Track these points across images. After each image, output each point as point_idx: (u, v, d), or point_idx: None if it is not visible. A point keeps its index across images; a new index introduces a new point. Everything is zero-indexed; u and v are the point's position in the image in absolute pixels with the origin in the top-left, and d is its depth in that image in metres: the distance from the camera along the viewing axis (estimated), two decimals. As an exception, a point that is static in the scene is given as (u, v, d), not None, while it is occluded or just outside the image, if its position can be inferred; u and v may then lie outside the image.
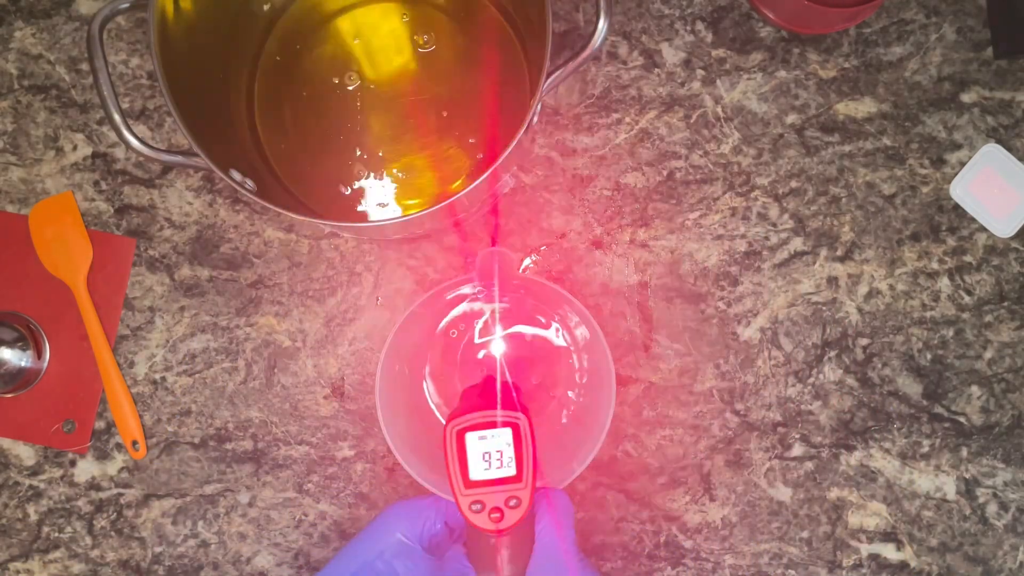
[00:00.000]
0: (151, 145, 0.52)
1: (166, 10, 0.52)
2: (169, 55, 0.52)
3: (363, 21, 0.64)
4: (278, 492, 0.66)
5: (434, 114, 0.64)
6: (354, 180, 0.64)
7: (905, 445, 0.65)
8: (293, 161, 0.64)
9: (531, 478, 0.49)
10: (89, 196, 0.67)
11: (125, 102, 0.67)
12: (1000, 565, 0.65)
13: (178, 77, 0.53)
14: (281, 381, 0.66)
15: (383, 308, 0.66)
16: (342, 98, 0.64)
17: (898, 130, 0.65)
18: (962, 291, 0.65)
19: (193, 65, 0.56)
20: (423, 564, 0.52)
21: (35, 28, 0.68)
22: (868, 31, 0.66)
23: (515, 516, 0.48)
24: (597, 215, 0.66)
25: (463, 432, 0.49)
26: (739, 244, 0.65)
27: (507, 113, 0.63)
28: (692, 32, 0.66)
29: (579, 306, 0.56)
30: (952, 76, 0.65)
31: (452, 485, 0.49)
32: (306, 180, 0.64)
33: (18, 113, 0.67)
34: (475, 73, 0.64)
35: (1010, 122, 0.65)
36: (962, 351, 0.65)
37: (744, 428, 0.65)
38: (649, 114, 0.66)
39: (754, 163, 0.65)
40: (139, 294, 0.66)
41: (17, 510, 0.66)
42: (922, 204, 0.65)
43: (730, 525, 0.65)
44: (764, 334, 0.65)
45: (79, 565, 0.66)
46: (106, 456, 0.66)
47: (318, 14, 0.65)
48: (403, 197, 0.64)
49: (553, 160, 0.66)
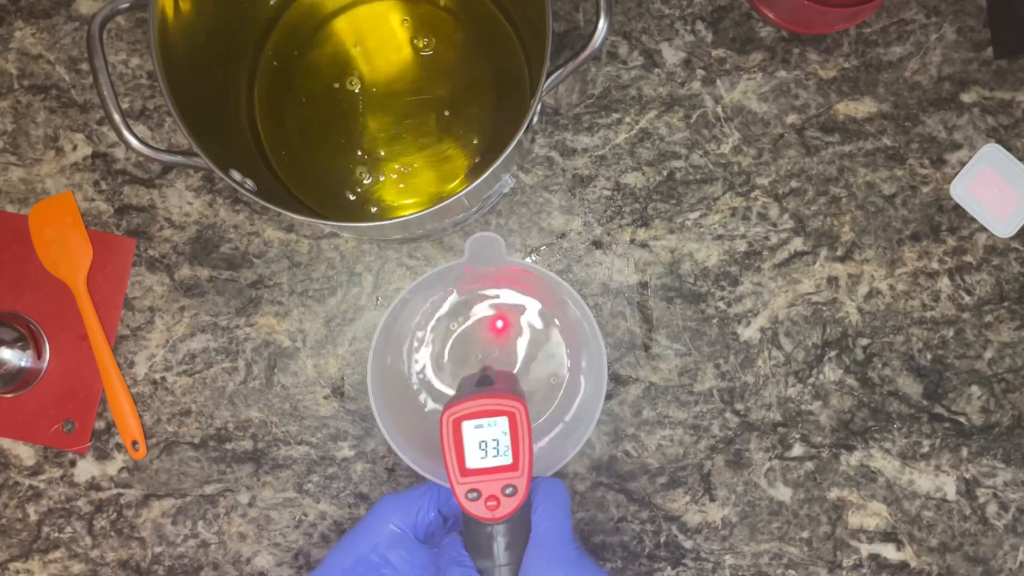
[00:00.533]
0: (151, 145, 0.52)
1: (166, 10, 0.52)
2: (169, 55, 0.52)
3: (363, 24, 0.64)
4: (278, 492, 0.66)
5: (434, 114, 0.64)
6: (356, 183, 0.64)
7: (905, 445, 0.65)
8: (293, 161, 0.64)
9: (527, 466, 0.49)
10: (89, 196, 0.67)
11: (125, 102, 0.67)
12: (1000, 565, 0.65)
13: (178, 77, 0.53)
14: (281, 381, 0.66)
15: (383, 308, 0.66)
16: (342, 100, 0.64)
17: (898, 130, 0.65)
18: (962, 291, 0.65)
19: (193, 65, 0.56)
20: (418, 554, 0.51)
21: (35, 28, 0.68)
22: (868, 31, 0.66)
23: (511, 504, 0.49)
24: (597, 215, 0.66)
25: (459, 421, 0.49)
26: (739, 244, 0.65)
27: (507, 113, 0.63)
28: (692, 32, 0.66)
29: (567, 288, 0.57)
30: (952, 76, 0.65)
31: (449, 473, 0.49)
32: (306, 180, 0.64)
33: (18, 113, 0.67)
34: (475, 73, 0.64)
35: (1010, 122, 0.65)
36: (962, 351, 0.65)
37: (744, 428, 0.65)
38: (649, 114, 0.66)
39: (754, 163, 0.65)
40: (139, 294, 0.66)
41: (17, 510, 0.66)
42: (922, 204, 0.65)
43: (730, 525, 0.65)
44: (764, 334, 0.65)
45: (79, 565, 0.66)
46: (106, 456, 0.66)
47: (318, 14, 0.65)
48: (403, 197, 0.64)
49: (553, 160, 0.66)
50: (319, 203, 0.64)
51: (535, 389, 0.63)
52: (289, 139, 0.64)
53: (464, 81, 0.64)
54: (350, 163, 0.64)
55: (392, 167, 0.64)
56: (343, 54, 0.64)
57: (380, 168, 0.64)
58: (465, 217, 0.63)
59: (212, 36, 0.58)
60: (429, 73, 0.64)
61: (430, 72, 0.64)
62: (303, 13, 0.65)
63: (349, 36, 0.64)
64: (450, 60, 0.64)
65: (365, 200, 0.64)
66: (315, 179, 0.64)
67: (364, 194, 0.64)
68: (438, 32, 0.64)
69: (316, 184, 0.64)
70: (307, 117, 0.64)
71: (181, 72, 0.54)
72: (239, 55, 0.63)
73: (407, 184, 0.64)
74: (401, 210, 0.64)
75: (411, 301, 0.60)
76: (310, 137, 0.64)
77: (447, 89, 0.64)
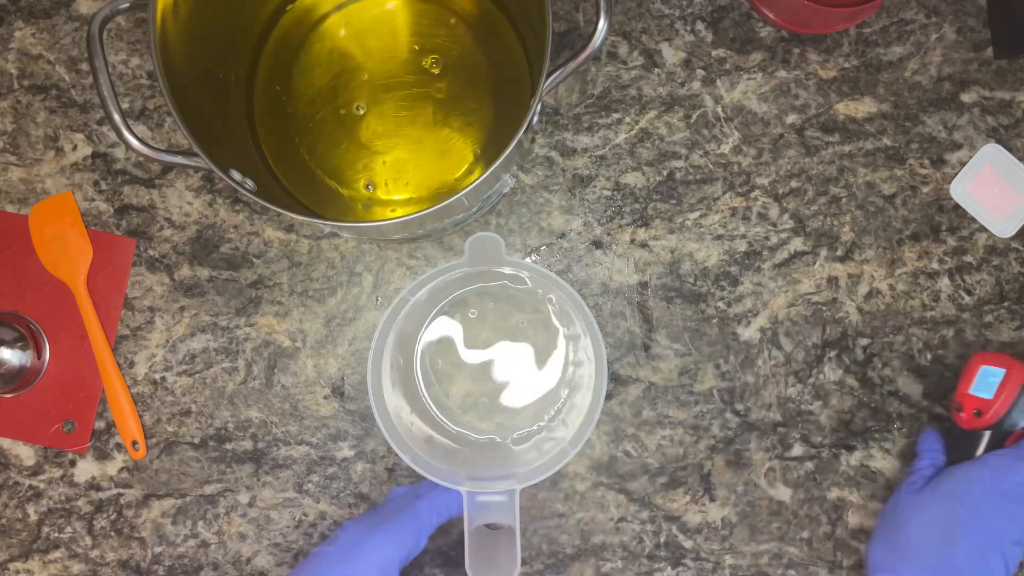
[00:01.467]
0: (151, 145, 0.52)
1: (166, 10, 0.52)
2: (169, 55, 0.52)
3: (363, 22, 0.64)
4: (278, 492, 0.66)
5: (433, 113, 0.64)
6: (356, 183, 0.64)
7: (906, 445, 0.65)
8: (293, 161, 0.64)
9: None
10: (89, 196, 0.67)
11: (125, 102, 0.67)
12: (1000, 565, 0.65)
13: (178, 77, 0.53)
14: (281, 381, 0.66)
15: (383, 308, 0.66)
16: (342, 99, 0.64)
17: (898, 130, 0.65)
18: (962, 291, 0.65)
19: (193, 65, 0.56)
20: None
21: (35, 28, 0.68)
22: (868, 31, 0.66)
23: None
24: (597, 215, 0.66)
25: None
26: (739, 244, 0.65)
27: (507, 112, 0.63)
28: (692, 32, 0.66)
29: (568, 288, 0.57)
30: (952, 76, 0.65)
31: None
32: (306, 180, 0.64)
33: (18, 113, 0.67)
34: (476, 72, 0.64)
35: (1010, 122, 0.65)
36: (962, 351, 0.65)
37: (744, 428, 0.65)
38: (649, 114, 0.66)
39: (754, 163, 0.65)
40: (139, 294, 0.66)
41: (17, 510, 0.66)
42: (922, 204, 0.65)
43: (730, 525, 0.65)
44: (764, 334, 0.65)
45: (79, 565, 0.66)
46: (106, 456, 0.66)
47: (318, 12, 0.65)
48: (403, 196, 0.64)
49: (553, 160, 0.66)
50: (319, 203, 0.64)
51: (536, 389, 0.63)
52: (289, 139, 0.64)
53: (464, 80, 0.64)
54: (350, 162, 0.64)
55: (392, 166, 0.64)
56: (342, 53, 0.64)
57: (380, 167, 0.64)
58: (465, 217, 0.63)
59: (212, 36, 0.58)
60: (429, 71, 0.64)
61: (430, 70, 0.64)
62: (303, 12, 0.65)
63: (349, 34, 0.64)
64: (451, 59, 0.64)
65: (365, 200, 0.64)
66: (315, 179, 0.64)
67: (364, 194, 0.64)
68: (438, 30, 0.64)
69: (316, 184, 0.64)
70: (306, 116, 0.64)
71: (181, 72, 0.54)
72: (239, 55, 0.63)
73: (407, 184, 0.64)
74: (401, 210, 0.64)
75: (411, 300, 0.60)
76: (310, 137, 0.64)
77: (447, 88, 0.64)
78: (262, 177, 0.61)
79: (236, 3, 0.60)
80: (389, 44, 0.64)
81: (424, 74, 0.64)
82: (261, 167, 0.63)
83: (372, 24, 0.64)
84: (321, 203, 0.64)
